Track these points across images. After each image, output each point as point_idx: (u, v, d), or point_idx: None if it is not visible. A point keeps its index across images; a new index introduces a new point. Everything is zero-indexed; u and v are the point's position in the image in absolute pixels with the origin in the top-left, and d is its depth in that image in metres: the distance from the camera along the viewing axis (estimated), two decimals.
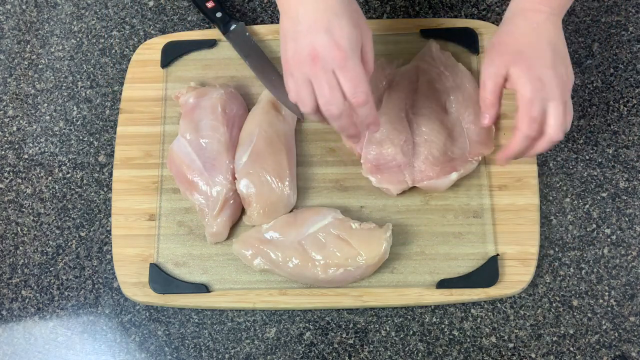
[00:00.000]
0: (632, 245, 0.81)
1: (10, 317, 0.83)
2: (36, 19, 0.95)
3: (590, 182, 0.84)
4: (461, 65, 0.84)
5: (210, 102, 0.82)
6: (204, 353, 0.80)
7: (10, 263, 0.85)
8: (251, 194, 0.78)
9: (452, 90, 0.82)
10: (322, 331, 0.80)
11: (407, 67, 0.85)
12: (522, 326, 0.79)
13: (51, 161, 0.88)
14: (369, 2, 0.93)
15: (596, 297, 0.79)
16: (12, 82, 0.93)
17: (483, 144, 0.80)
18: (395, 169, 0.79)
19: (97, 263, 0.84)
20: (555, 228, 0.82)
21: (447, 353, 0.78)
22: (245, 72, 0.88)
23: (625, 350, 0.78)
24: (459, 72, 0.83)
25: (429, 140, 0.79)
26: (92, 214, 0.86)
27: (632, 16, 0.90)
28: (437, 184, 0.79)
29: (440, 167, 0.79)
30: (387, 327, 0.80)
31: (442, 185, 0.79)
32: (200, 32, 0.91)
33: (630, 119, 0.86)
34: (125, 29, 0.94)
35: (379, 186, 0.80)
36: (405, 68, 0.85)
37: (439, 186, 0.79)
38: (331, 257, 0.76)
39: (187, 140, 0.81)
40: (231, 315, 0.81)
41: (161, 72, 0.89)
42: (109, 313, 0.82)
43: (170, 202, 0.83)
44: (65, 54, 0.93)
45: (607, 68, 0.88)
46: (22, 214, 0.87)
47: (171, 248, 0.82)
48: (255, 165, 0.79)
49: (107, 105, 0.90)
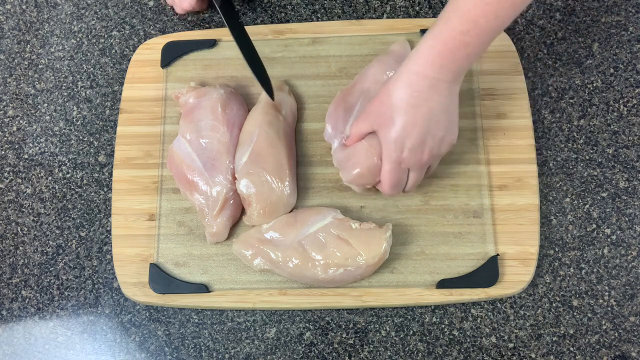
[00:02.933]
0: (632, 245, 0.81)
1: (10, 317, 0.83)
2: (36, 19, 0.95)
3: (590, 182, 0.84)
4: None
5: (210, 102, 0.82)
6: (204, 353, 0.80)
7: (10, 263, 0.85)
8: (251, 194, 0.78)
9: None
10: (322, 331, 0.80)
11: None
12: (522, 326, 0.79)
13: (51, 161, 0.88)
14: (369, 2, 0.93)
15: (596, 297, 0.79)
16: (12, 82, 0.93)
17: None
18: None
19: (97, 263, 0.84)
20: (555, 228, 0.82)
21: (447, 353, 0.78)
22: (245, 72, 0.88)
23: (625, 350, 0.78)
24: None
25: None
26: (92, 214, 0.86)
27: (632, 16, 0.90)
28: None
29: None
30: (387, 327, 0.80)
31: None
32: (200, 32, 0.91)
33: (630, 119, 0.86)
34: (125, 29, 0.94)
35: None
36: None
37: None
38: (331, 257, 0.76)
39: (187, 140, 0.81)
40: (231, 315, 0.81)
41: (161, 72, 0.89)
42: (109, 313, 0.82)
43: (170, 202, 0.83)
44: (65, 54, 0.93)
45: (607, 68, 0.88)
46: (22, 214, 0.87)
47: (171, 248, 0.82)
48: (255, 165, 0.79)
49: (107, 105, 0.90)
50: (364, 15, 0.92)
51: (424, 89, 0.67)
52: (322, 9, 0.93)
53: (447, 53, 0.65)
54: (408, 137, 0.69)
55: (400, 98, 0.68)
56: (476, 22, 0.64)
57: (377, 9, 0.93)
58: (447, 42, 0.65)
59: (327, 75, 0.87)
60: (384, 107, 0.69)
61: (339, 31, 0.89)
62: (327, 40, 0.89)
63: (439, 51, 0.66)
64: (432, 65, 0.66)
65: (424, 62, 0.66)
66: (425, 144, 0.69)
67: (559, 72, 0.88)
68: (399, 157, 0.70)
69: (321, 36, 0.88)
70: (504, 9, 0.64)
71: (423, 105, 0.67)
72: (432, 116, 0.68)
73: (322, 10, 0.93)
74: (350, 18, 0.92)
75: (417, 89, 0.67)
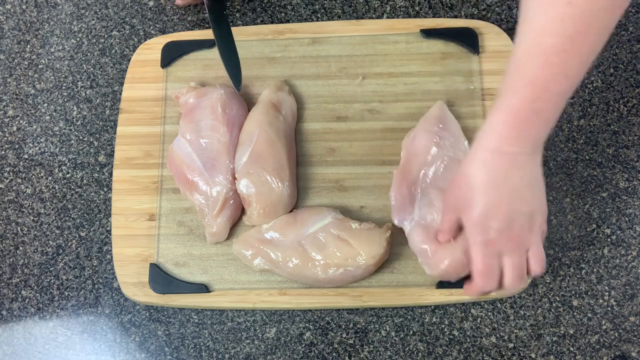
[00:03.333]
0: (632, 245, 0.81)
1: (10, 317, 0.83)
2: (36, 19, 0.95)
3: (590, 182, 0.84)
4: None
5: (210, 102, 0.82)
6: (204, 353, 0.80)
7: (10, 263, 0.85)
8: (251, 194, 0.78)
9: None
10: (322, 331, 0.80)
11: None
12: (522, 326, 0.79)
13: (51, 161, 0.88)
14: (369, 2, 0.93)
15: (596, 297, 0.79)
16: (12, 82, 0.93)
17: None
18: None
19: (97, 263, 0.84)
20: (555, 228, 0.82)
21: (447, 353, 0.78)
22: (245, 72, 0.88)
23: (625, 350, 0.78)
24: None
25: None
26: (92, 214, 0.86)
27: (632, 16, 0.90)
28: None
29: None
30: (387, 327, 0.80)
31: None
32: (200, 32, 0.91)
33: (630, 119, 0.86)
34: (125, 29, 0.94)
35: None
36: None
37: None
38: (331, 257, 0.76)
39: (187, 140, 0.81)
40: (231, 315, 0.81)
41: (161, 72, 0.89)
42: (109, 313, 0.82)
43: (170, 202, 0.83)
44: (65, 54, 0.93)
45: (607, 68, 0.88)
46: (22, 214, 0.87)
47: (171, 248, 0.82)
48: (255, 166, 0.79)
49: (107, 105, 0.90)
50: (364, 15, 0.92)
51: (502, 166, 0.62)
52: (322, 9, 0.93)
53: (520, 124, 0.60)
54: (493, 218, 0.63)
55: (478, 179, 0.63)
56: (545, 87, 0.59)
57: (377, 9, 0.93)
58: (518, 113, 0.60)
59: (327, 75, 0.87)
60: (462, 191, 0.64)
61: (339, 31, 0.89)
62: (327, 40, 0.89)
63: (511, 123, 0.60)
64: (507, 139, 0.61)
65: (498, 138, 0.61)
66: (513, 223, 0.63)
67: None
68: (485, 240, 0.64)
69: (321, 36, 0.88)
70: (572, 67, 0.58)
71: (504, 184, 0.62)
72: (515, 193, 0.62)
73: (322, 10, 0.93)
74: (350, 18, 0.92)
75: (494, 167, 0.62)
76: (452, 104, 0.85)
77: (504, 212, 0.62)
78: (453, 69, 0.86)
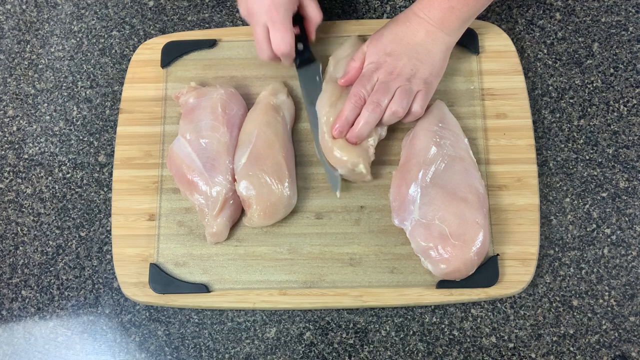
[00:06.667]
0: (632, 245, 0.81)
1: (10, 317, 0.83)
2: (36, 19, 0.95)
3: (590, 182, 0.84)
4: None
5: (210, 102, 0.82)
6: (204, 353, 0.80)
7: (10, 263, 0.85)
8: (251, 196, 0.78)
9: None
10: (322, 331, 0.80)
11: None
12: (522, 326, 0.79)
13: (51, 161, 0.88)
14: (369, 2, 0.93)
15: (596, 297, 0.79)
16: (12, 82, 0.93)
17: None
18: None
19: (97, 263, 0.84)
20: (555, 228, 0.82)
21: (447, 353, 0.78)
22: (245, 72, 0.88)
23: (625, 350, 0.78)
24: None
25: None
26: (92, 214, 0.86)
27: (632, 16, 0.90)
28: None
29: None
30: (387, 327, 0.80)
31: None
32: (200, 32, 0.91)
33: (630, 119, 0.86)
34: (125, 29, 0.94)
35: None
36: None
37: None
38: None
39: (187, 140, 0.81)
40: (231, 315, 0.81)
41: (161, 72, 0.89)
42: (109, 313, 0.82)
43: (170, 202, 0.83)
44: (65, 54, 0.93)
45: (607, 68, 0.88)
46: (22, 214, 0.87)
47: (171, 248, 0.82)
48: (254, 167, 0.79)
49: (107, 105, 0.90)
50: (364, 15, 0.92)
51: (413, 24, 0.78)
52: (322, 9, 0.93)
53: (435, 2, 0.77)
54: (387, 51, 0.78)
55: (391, 23, 0.80)
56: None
57: (377, 9, 0.93)
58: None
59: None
60: (379, 32, 0.80)
61: (339, 31, 0.89)
62: (327, 40, 0.88)
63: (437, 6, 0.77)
64: (422, 9, 0.77)
65: (418, 4, 0.78)
66: (398, 63, 0.77)
67: (559, 72, 0.88)
68: (370, 66, 0.78)
69: (321, 36, 0.88)
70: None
71: (407, 35, 0.78)
72: (412, 46, 0.77)
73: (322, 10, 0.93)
74: (350, 18, 0.92)
75: (406, 22, 0.78)
76: (452, 103, 0.85)
77: (398, 52, 0.77)
78: (453, 68, 0.86)
